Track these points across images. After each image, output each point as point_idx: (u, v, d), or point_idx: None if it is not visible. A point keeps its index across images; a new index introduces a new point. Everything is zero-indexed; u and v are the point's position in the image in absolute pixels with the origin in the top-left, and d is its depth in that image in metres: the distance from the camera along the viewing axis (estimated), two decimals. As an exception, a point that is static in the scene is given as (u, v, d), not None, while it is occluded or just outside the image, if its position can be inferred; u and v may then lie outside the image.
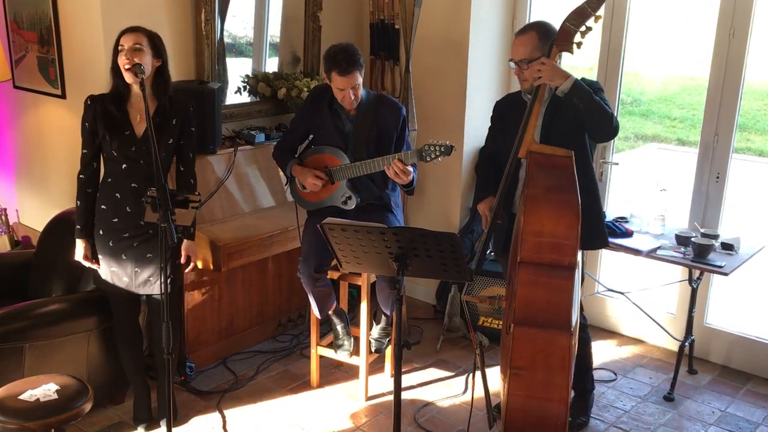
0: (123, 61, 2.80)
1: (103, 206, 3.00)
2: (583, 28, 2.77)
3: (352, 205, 3.33)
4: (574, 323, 2.64)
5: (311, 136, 3.44)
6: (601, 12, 2.76)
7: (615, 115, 2.88)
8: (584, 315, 3.27)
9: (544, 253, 2.67)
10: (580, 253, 2.81)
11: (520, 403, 2.63)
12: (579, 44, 2.79)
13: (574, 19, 2.76)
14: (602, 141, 3.03)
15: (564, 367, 2.59)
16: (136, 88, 2.88)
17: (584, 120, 2.84)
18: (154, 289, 3.05)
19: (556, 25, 2.87)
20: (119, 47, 2.83)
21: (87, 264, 3.07)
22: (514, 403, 2.64)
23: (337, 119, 3.33)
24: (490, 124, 3.29)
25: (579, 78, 3.02)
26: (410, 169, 3.18)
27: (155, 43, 2.89)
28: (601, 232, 3.14)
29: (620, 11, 3.96)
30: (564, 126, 2.92)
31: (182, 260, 3.12)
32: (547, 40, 2.87)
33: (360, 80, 3.19)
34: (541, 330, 2.61)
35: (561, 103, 2.88)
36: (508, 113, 3.13)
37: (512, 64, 2.99)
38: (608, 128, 2.86)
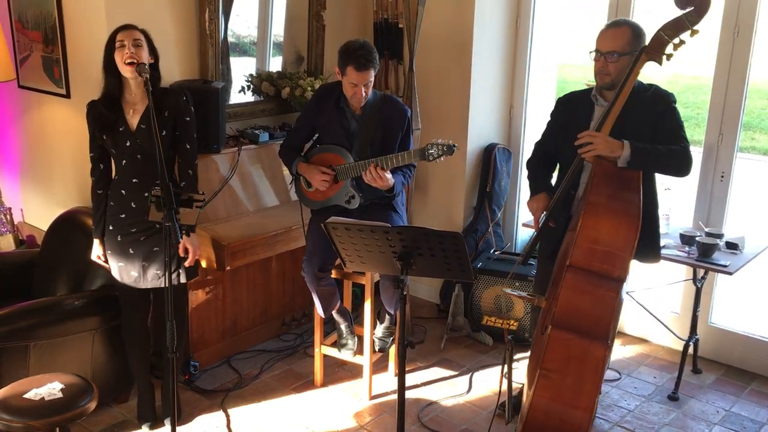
0: (125, 56, 2.84)
1: (111, 203, 3.06)
2: (676, 41, 2.67)
3: (355, 204, 3.33)
4: (611, 335, 2.61)
5: (317, 135, 3.45)
6: (699, 27, 2.65)
7: (686, 145, 2.79)
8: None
9: (596, 262, 2.62)
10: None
11: (543, 404, 2.60)
12: (669, 56, 2.69)
13: (670, 30, 2.66)
14: (682, 176, 2.90)
15: (595, 377, 2.55)
16: (130, 84, 2.93)
17: (658, 172, 2.81)
18: (162, 282, 3.07)
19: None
20: (117, 43, 2.87)
21: (100, 263, 3.13)
22: (537, 404, 2.61)
23: (343, 118, 3.34)
24: (549, 120, 3.19)
25: (652, 86, 2.94)
26: (388, 176, 3.16)
27: (149, 40, 2.94)
28: (655, 246, 3.05)
29: (624, 10, 3.95)
30: (635, 134, 2.80)
31: (181, 253, 3.06)
32: (637, 40, 2.80)
33: (372, 78, 3.20)
34: (578, 336, 2.57)
35: (633, 110, 2.81)
36: (571, 112, 3.04)
37: (593, 55, 2.87)
38: (681, 170, 2.81)
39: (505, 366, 2.80)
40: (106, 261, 3.12)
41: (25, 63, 4.10)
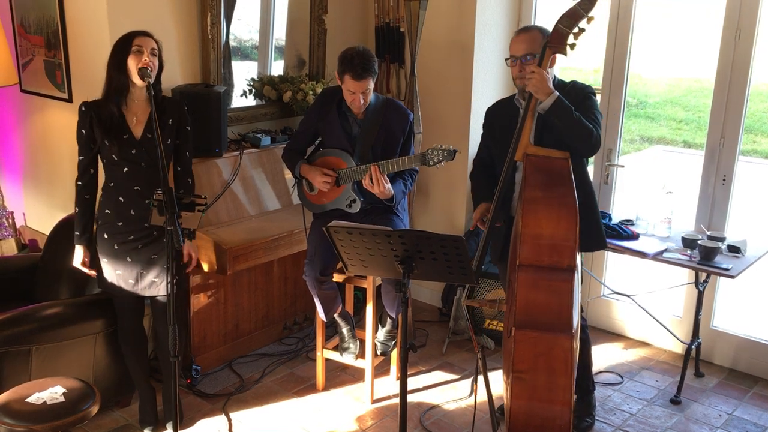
0: (144, 61, 2.82)
1: (107, 210, 3.00)
2: (575, 30, 2.76)
3: (356, 208, 3.33)
4: (575, 325, 2.64)
5: (319, 138, 3.45)
6: (593, 13, 2.75)
7: (597, 128, 2.85)
8: (584, 317, 3.26)
9: (544, 256, 2.67)
10: (579, 255, 2.81)
11: (524, 406, 2.62)
12: (572, 46, 2.79)
13: (567, 21, 2.75)
14: (583, 156, 2.99)
15: (566, 369, 2.58)
16: (134, 90, 2.92)
17: (563, 136, 2.84)
18: (160, 290, 3.05)
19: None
20: (135, 47, 2.84)
21: (85, 270, 3.08)
22: (517, 407, 2.63)
23: (345, 122, 3.34)
24: (482, 131, 3.26)
25: (571, 81, 3.03)
26: (387, 185, 3.17)
27: (160, 51, 2.93)
28: (599, 234, 3.12)
29: (625, 13, 3.96)
30: (557, 128, 2.88)
31: (185, 260, 3.10)
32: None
33: (372, 86, 3.20)
34: (543, 332, 2.60)
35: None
36: (500, 119, 3.13)
37: (509, 63, 2.97)
38: (586, 145, 2.84)
39: (479, 375, 2.85)
40: (93, 268, 3.07)
41: (28, 67, 4.11)
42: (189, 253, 3.10)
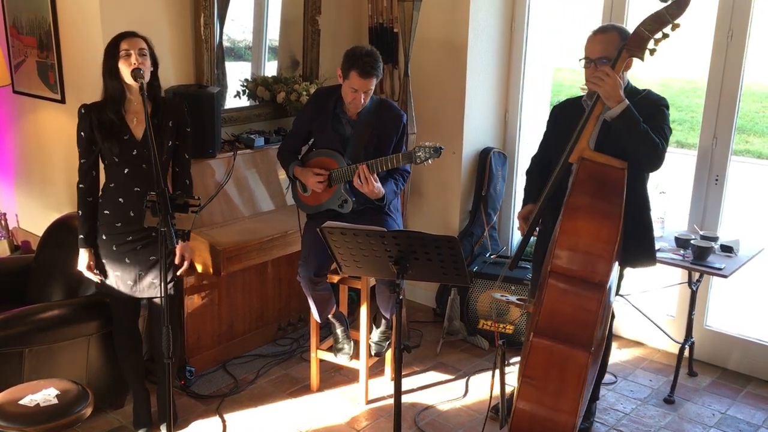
0: (133, 64, 2.80)
1: (106, 211, 2.99)
2: (658, 35, 2.61)
3: (348, 208, 3.33)
4: (597, 341, 2.58)
5: (313, 138, 3.45)
6: (680, 20, 2.59)
7: (663, 144, 2.72)
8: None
9: (576, 266, 2.58)
10: (617, 269, 2.72)
11: (528, 410, 2.61)
12: (652, 51, 2.64)
13: (650, 25, 2.60)
14: (643, 170, 2.84)
15: (578, 382, 2.54)
16: (132, 92, 2.90)
17: (627, 148, 2.70)
18: (159, 291, 3.03)
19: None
20: (123, 51, 2.82)
21: (89, 275, 3.05)
22: (522, 408, 2.62)
23: (338, 123, 3.34)
24: (545, 130, 3.16)
25: (645, 89, 2.88)
26: (377, 184, 3.16)
27: (151, 49, 2.91)
28: (650, 250, 3.00)
29: (619, 14, 3.97)
30: (621, 137, 2.74)
31: (177, 261, 3.07)
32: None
33: (373, 87, 3.19)
34: (560, 344, 2.55)
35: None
36: (563, 118, 2.99)
37: (584, 63, 2.82)
38: (649, 160, 2.72)
39: (497, 369, 2.79)
40: (98, 272, 3.04)
41: (20, 68, 4.10)
42: (182, 254, 3.07)
